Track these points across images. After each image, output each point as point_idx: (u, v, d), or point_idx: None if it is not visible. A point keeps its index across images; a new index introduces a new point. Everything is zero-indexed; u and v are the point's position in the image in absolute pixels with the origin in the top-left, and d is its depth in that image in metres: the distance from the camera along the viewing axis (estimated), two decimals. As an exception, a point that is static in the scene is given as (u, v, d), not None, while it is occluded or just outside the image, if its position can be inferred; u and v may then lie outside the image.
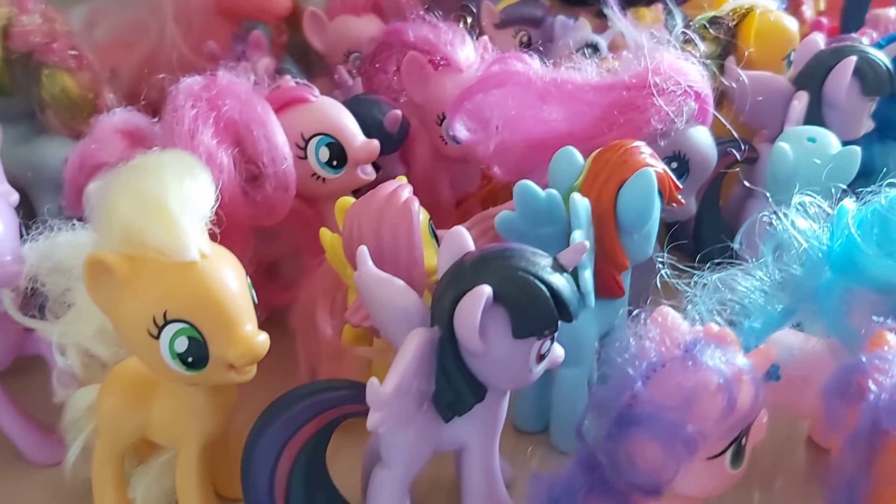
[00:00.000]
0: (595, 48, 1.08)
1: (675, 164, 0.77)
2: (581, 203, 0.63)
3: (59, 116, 0.87)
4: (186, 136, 0.70)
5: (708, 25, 0.94)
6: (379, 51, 0.90)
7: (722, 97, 0.92)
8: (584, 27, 1.10)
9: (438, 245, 0.69)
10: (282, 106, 0.76)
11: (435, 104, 0.85)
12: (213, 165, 0.70)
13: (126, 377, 0.61)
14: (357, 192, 0.72)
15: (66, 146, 0.88)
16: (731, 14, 0.94)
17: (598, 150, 0.69)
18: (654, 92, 0.73)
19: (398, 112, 0.83)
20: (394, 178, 0.86)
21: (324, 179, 0.77)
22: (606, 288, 0.68)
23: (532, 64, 0.79)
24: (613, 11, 1.04)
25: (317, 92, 0.78)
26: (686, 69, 0.75)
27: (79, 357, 0.64)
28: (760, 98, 0.88)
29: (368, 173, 0.79)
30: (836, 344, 0.62)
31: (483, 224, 0.78)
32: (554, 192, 0.65)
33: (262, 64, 0.95)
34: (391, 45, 0.88)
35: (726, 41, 0.94)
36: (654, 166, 0.66)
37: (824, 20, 1.23)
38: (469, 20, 0.97)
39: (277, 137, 0.73)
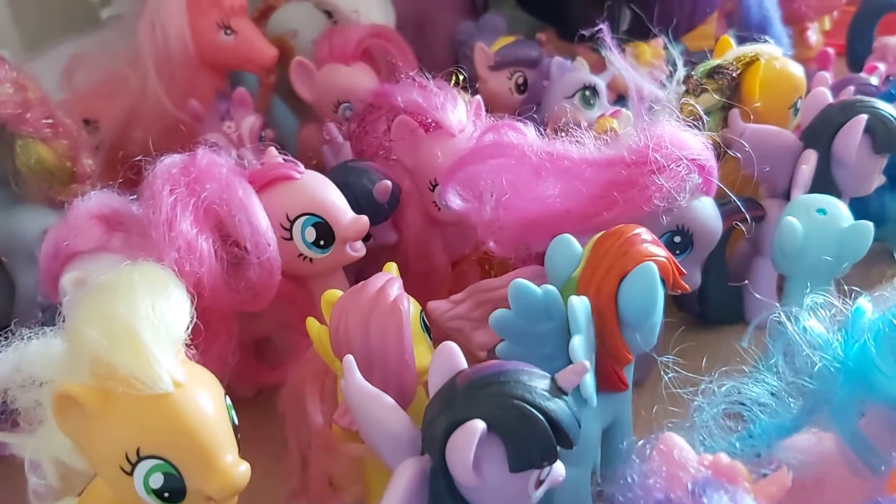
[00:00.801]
0: (593, 90, 1.04)
1: (678, 239, 0.73)
2: (580, 306, 0.59)
3: (36, 186, 0.84)
4: (164, 226, 0.67)
5: (711, 75, 0.90)
6: (367, 112, 0.86)
7: (725, 151, 0.89)
8: (581, 68, 1.06)
9: (431, 337, 0.66)
10: (265, 185, 0.73)
11: (427, 169, 0.81)
12: (193, 257, 0.66)
13: (104, 498, 0.58)
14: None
15: (45, 216, 0.85)
16: (734, 63, 0.90)
17: (596, 236, 0.65)
18: (656, 169, 0.69)
19: (388, 182, 0.79)
20: (385, 246, 0.84)
21: (311, 260, 0.74)
22: (608, 382, 0.64)
23: (527, 134, 0.75)
24: (611, 52, 1.00)
25: (301, 168, 0.74)
26: (689, 142, 0.71)
27: (55, 470, 0.61)
28: (766, 153, 0.84)
29: (358, 249, 0.76)
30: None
31: (479, 296, 0.75)
32: (551, 288, 0.61)
33: (247, 123, 0.91)
34: (380, 108, 0.84)
35: (730, 92, 0.90)
36: (657, 256, 0.63)
37: (831, 50, 1.19)
38: (461, 77, 0.93)
39: (260, 222, 0.70)
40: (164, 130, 0.99)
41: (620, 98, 1.14)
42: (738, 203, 0.81)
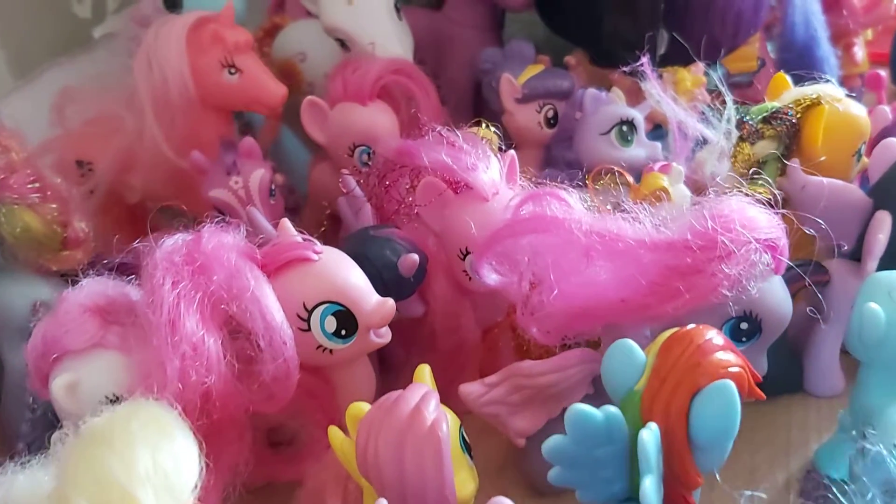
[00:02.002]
0: (631, 125, 0.95)
1: (745, 325, 0.65)
2: (650, 441, 0.51)
3: (24, 255, 0.75)
4: (166, 329, 0.59)
5: (768, 121, 0.81)
6: (389, 169, 0.77)
7: (784, 205, 0.80)
8: (617, 100, 0.97)
9: (471, 456, 0.58)
10: (279, 269, 0.65)
11: (457, 237, 0.73)
12: (199, 363, 0.58)
13: None
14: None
15: (35, 287, 0.77)
16: (794, 107, 0.81)
17: (661, 339, 0.57)
18: (724, 255, 0.60)
19: (414, 256, 0.71)
20: (410, 319, 0.75)
21: (331, 351, 0.66)
22: (675, 507, 0.57)
23: (572, 206, 0.67)
24: (650, 83, 0.92)
25: (318, 246, 0.66)
26: (759, 220, 0.63)
27: None
28: (830, 210, 0.76)
29: (383, 335, 0.68)
30: None
31: (516, 380, 0.68)
32: (613, 411, 0.53)
33: (255, 178, 0.83)
34: (403, 166, 0.76)
35: (789, 139, 0.81)
36: (732, 367, 0.55)
37: (883, 73, 1.10)
38: (492, 128, 0.85)
39: (275, 317, 0.61)
40: (165, 177, 0.91)
41: (657, 127, 1.05)
42: (801, 267, 0.73)
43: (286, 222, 0.68)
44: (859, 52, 1.20)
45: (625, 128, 0.95)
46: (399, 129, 0.92)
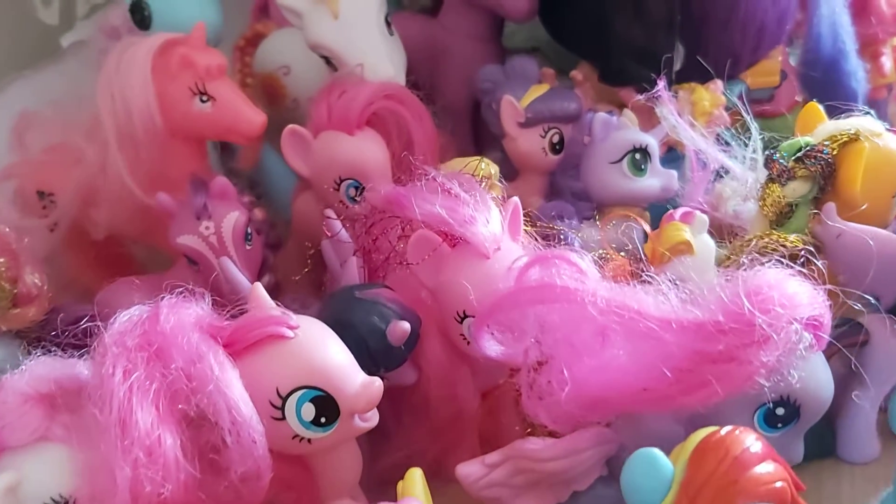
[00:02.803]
0: (644, 153, 0.87)
1: (781, 411, 0.57)
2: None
3: (-31, 316, 0.67)
4: (116, 429, 0.51)
5: (801, 159, 0.72)
6: (378, 218, 0.69)
7: (816, 253, 0.72)
8: (629, 124, 0.89)
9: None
10: (249, 347, 0.56)
11: (453, 297, 0.65)
12: (155, 468, 0.51)
13: None
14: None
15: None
16: (829, 144, 0.73)
17: (690, 446, 0.49)
18: (761, 340, 0.52)
19: (405, 325, 0.63)
20: (400, 388, 0.67)
21: (310, 440, 0.57)
22: None
23: (586, 271, 0.58)
24: (667, 108, 0.83)
25: (294, 319, 0.58)
26: (800, 296, 0.54)
27: None
28: (869, 261, 0.68)
29: (369, 419, 0.59)
30: None
31: (520, 462, 0.60)
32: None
33: (229, 223, 0.74)
34: (392, 217, 0.67)
35: (824, 180, 0.73)
36: (774, 483, 0.47)
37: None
38: (491, 167, 0.76)
39: (242, 410, 0.53)
40: (132, 214, 0.82)
41: (670, 150, 0.97)
42: (836, 328, 0.65)
43: (259, 289, 0.60)
44: (887, 62, 1.11)
45: (638, 156, 0.86)
46: (391, 160, 0.84)
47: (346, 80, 0.85)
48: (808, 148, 0.73)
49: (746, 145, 0.87)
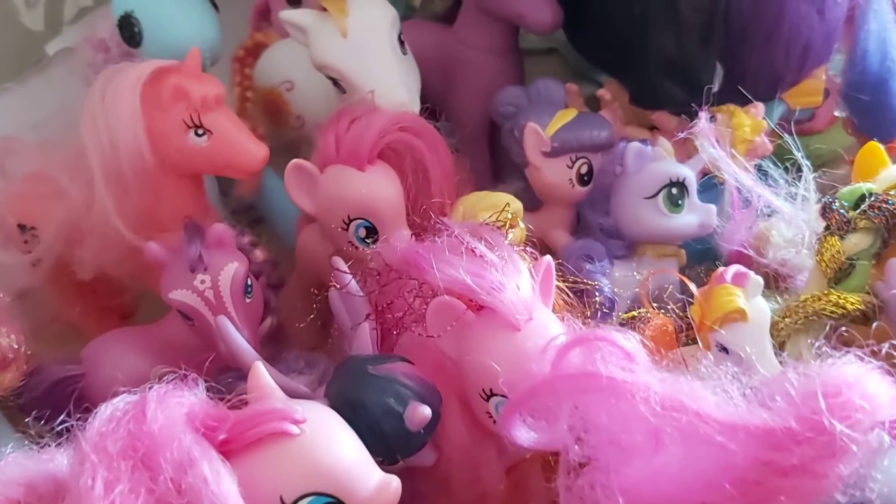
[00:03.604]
0: (682, 187, 0.79)
1: (853, 516, 0.50)
2: None
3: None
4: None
5: (863, 209, 0.65)
6: (392, 279, 0.62)
7: (878, 314, 0.65)
8: (665, 155, 0.81)
9: None
10: (249, 445, 0.49)
11: (479, 374, 0.58)
12: None
13: None
14: None
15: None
16: (893, 190, 0.65)
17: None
18: (839, 450, 0.45)
19: (425, 409, 0.56)
20: (417, 470, 0.60)
21: (318, 548, 0.50)
22: None
23: (635, 358, 0.51)
24: (706, 139, 0.76)
25: (300, 412, 0.50)
26: (881, 395, 0.47)
27: None
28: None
29: (385, 517, 0.52)
30: None
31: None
32: None
33: (226, 276, 0.67)
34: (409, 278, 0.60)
35: (888, 232, 0.65)
36: None
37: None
38: (518, 221, 0.69)
39: (242, 527, 0.46)
40: (121, 255, 0.75)
41: (705, 175, 0.89)
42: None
43: (260, 370, 0.52)
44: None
45: (675, 190, 0.79)
46: (405, 197, 0.76)
47: (356, 107, 0.78)
48: (870, 197, 0.65)
49: (791, 176, 0.80)
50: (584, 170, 0.82)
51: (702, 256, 0.85)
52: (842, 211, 0.66)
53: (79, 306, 0.83)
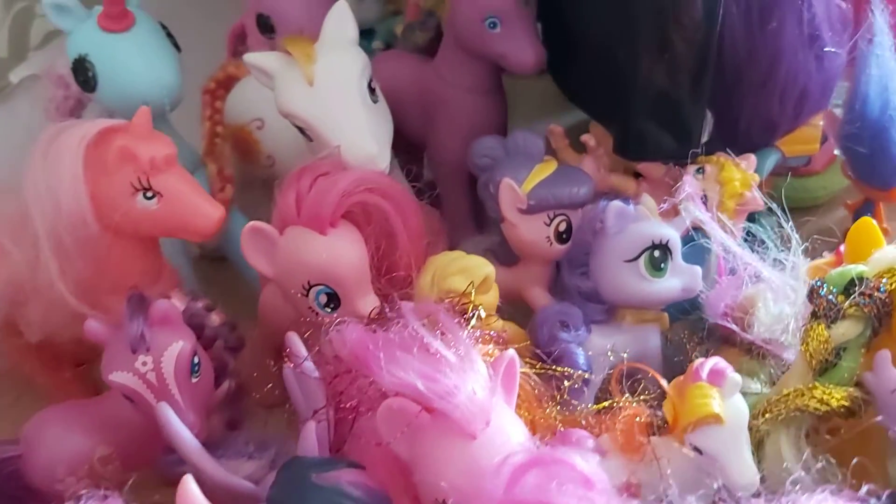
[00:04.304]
0: (665, 250, 0.75)
1: None
2: None
3: None
4: None
5: (851, 294, 0.61)
6: (342, 372, 0.58)
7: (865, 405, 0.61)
8: (648, 214, 0.77)
9: None
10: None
11: (432, 482, 0.54)
12: None
13: None
14: None
15: None
16: (888, 278, 0.61)
17: None
18: None
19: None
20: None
21: None
22: None
23: (595, 485, 0.47)
24: (693, 201, 0.72)
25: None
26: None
27: None
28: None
29: None
30: None
31: None
32: None
33: (171, 356, 0.63)
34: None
35: (878, 321, 0.61)
36: None
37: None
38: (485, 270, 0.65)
39: None
40: (69, 319, 0.71)
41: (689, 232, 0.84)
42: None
43: (188, 486, 0.48)
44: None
45: (657, 253, 0.75)
46: (372, 258, 0.72)
47: (320, 163, 0.73)
48: (861, 283, 0.61)
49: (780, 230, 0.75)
50: (562, 227, 0.78)
51: (687, 309, 0.81)
52: (830, 297, 0.61)
53: (30, 362, 0.79)
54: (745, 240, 0.77)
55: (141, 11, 0.79)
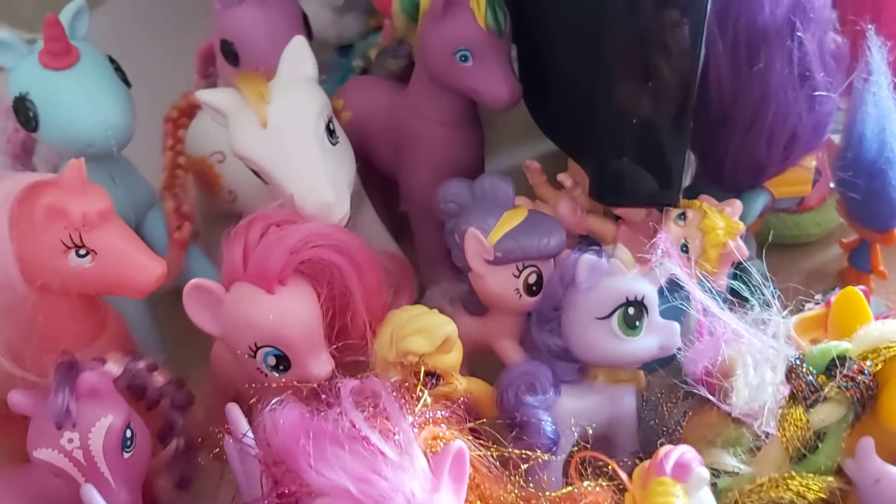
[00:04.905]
0: (640, 307, 0.70)
1: None
2: None
3: None
4: None
5: (832, 374, 0.56)
6: (275, 466, 0.53)
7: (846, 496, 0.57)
8: (622, 268, 0.72)
9: None
10: None
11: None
12: None
13: None
14: None
15: None
16: (873, 359, 0.56)
17: None
18: None
19: None
20: None
21: None
22: None
23: None
24: (670, 256, 0.67)
25: None
26: None
27: None
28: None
29: None
30: None
31: None
32: None
33: (98, 433, 0.59)
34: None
35: (861, 405, 0.56)
36: None
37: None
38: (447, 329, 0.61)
39: None
40: (3, 381, 0.67)
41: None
42: None
43: None
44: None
45: (631, 310, 0.70)
46: (325, 317, 0.68)
47: (274, 212, 0.69)
48: (844, 363, 0.56)
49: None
50: (532, 279, 0.73)
51: (663, 360, 0.76)
52: (810, 378, 0.56)
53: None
54: (727, 296, 0.72)
55: (87, 45, 0.75)
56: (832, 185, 0.88)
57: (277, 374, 0.67)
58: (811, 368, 0.57)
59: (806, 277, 0.96)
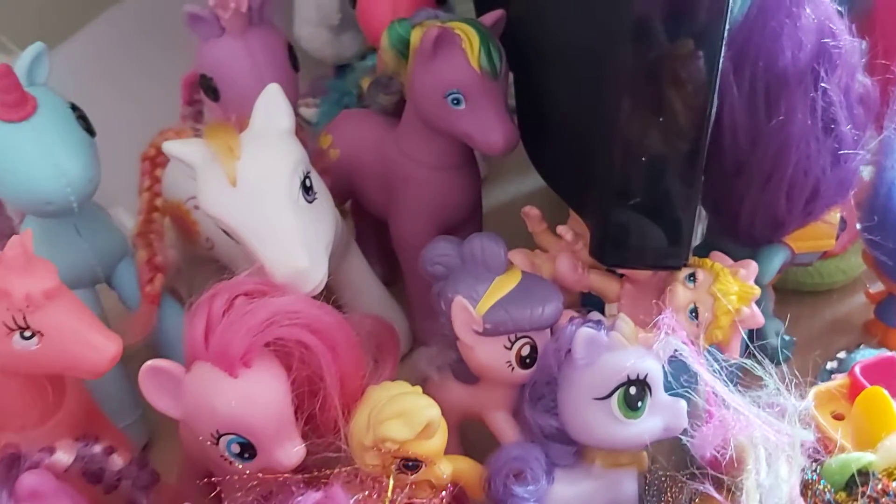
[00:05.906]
0: (642, 386, 0.64)
1: None
2: None
3: None
4: None
5: (851, 490, 0.50)
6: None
7: None
8: (623, 343, 0.65)
9: None
10: None
11: None
12: None
13: None
14: None
15: None
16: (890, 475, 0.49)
17: None
18: None
19: None
20: None
21: None
22: None
23: None
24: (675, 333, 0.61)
25: None
26: None
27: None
28: None
29: None
30: None
31: None
32: None
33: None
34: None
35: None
36: None
37: None
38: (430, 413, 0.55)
39: None
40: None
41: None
42: None
43: None
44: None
45: (633, 390, 0.64)
46: (296, 399, 0.62)
47: (242, 280, 0.63)
48: (865, 479, 0.50)
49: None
50: (525, 351, 0.67)
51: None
52: (828, 496, 0.50)
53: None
54: (738, 373, 0.66)
55: (48, 93, 0.69)
56: (858, 227, 0.81)
57: (242, 463, 0.61)
58: (829, 486, 0.50)
59: (829, 329, 0.90)
